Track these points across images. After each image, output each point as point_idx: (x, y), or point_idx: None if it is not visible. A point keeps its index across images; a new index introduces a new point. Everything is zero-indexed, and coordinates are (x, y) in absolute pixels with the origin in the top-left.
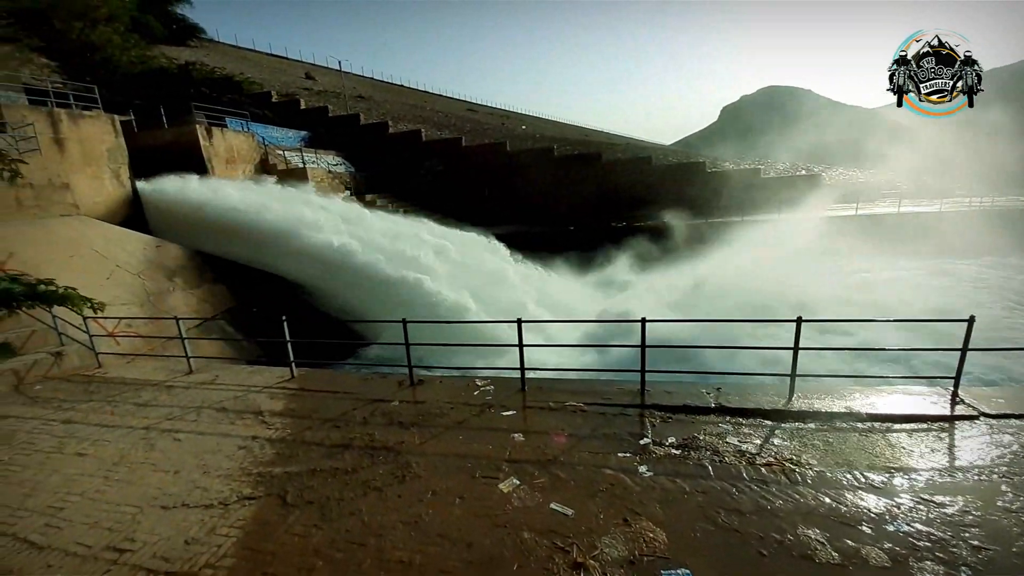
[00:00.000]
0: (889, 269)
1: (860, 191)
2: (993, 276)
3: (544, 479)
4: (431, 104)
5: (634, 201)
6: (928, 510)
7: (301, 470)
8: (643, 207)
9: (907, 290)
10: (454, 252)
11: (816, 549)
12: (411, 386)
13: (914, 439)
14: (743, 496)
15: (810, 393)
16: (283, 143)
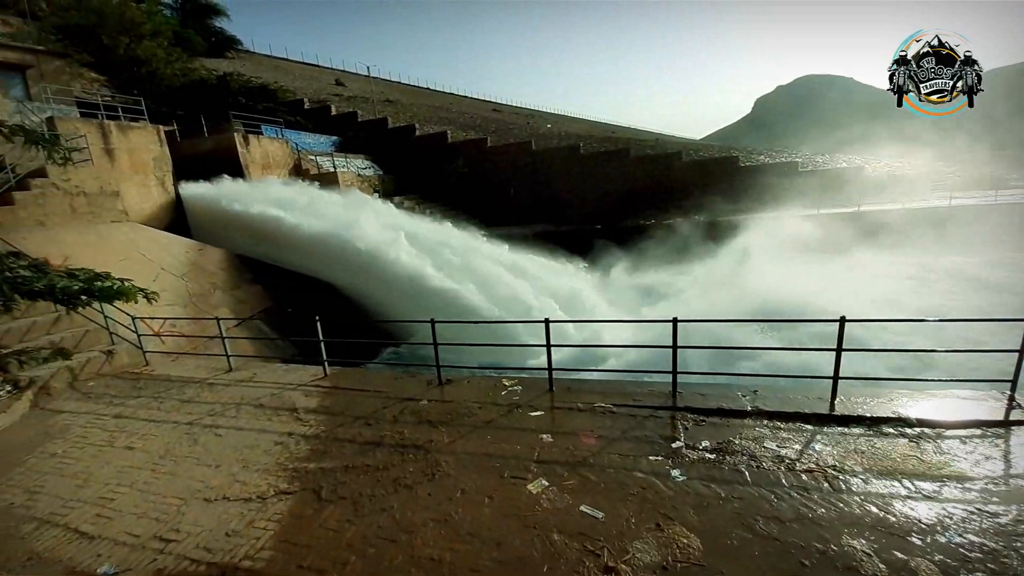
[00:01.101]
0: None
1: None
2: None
3: (573, 481)
4: (456, 105)
5: (664, 198)
6: (981, 520)
7: (335, 466)
8: (673, 204)
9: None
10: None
11: (862, 560)
12: (439, 385)
13: (967, 446)
14: (783, 503)
15: (854, 397)
16: (315, 148)
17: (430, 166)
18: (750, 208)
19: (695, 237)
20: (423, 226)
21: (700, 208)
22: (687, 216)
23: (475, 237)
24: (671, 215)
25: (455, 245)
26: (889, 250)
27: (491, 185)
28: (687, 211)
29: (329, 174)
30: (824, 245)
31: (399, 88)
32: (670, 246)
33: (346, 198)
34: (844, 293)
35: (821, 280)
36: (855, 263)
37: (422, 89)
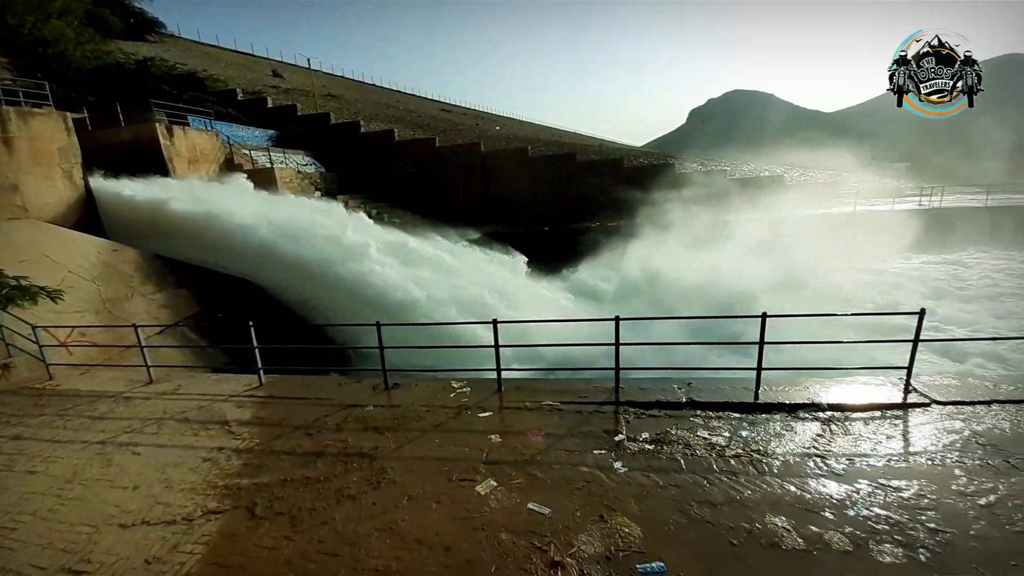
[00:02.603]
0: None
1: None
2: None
3: (521, 479)
4: (404, 103)
5: (608, 201)
6: (886, 494)
7: (271, 480)
8: (616, 207)
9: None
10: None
11: (783, 536)
12: (386, 390)
13: (871, 427)
14: (714, 488)
15: (775, 386)
16: (249, 142)
17: (376, 164)
18: (686, 211)
19: (636, 238)
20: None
21: (641, 211)
22: (630, 219)
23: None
24: (615, 218)
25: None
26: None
27: (440, 185)
28: (630, 214)
29: (265, 170)
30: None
31: (342, 83)
32: (612, 247)
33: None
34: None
35: (741, 273)
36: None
37: (367, 85)
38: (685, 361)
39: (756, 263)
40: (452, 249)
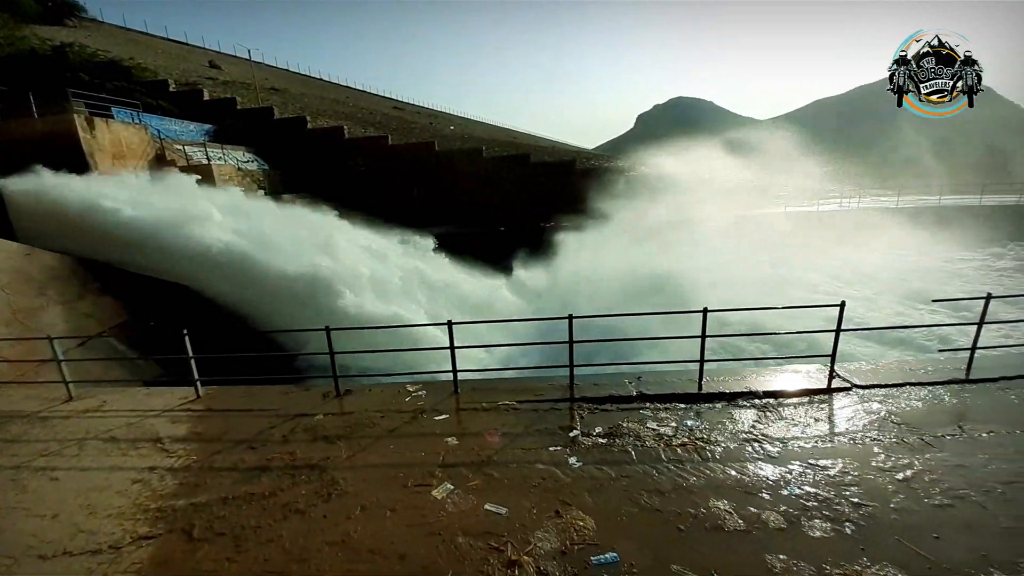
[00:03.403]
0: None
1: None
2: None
3: (478, 481)
4: (354, 100)
5: (562, 201)
6: (815, 473)
7: (210, 499)
8: (570, 207)
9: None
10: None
11: (725, 519)
12: (337, 397)
13: (801, 411)
14: (662, 477)
15: (717, 376)
16: (184, 137)
17: (324, 162)
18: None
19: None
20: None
21: (593, 211)
22: (583, 218)
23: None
24: (569, 218)
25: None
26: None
27: (393, 185)
28: (583, 214)
29: (202, 167)
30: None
31: (287, 76)
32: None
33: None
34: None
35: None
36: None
37: (314, 79)
38: (636, 355)
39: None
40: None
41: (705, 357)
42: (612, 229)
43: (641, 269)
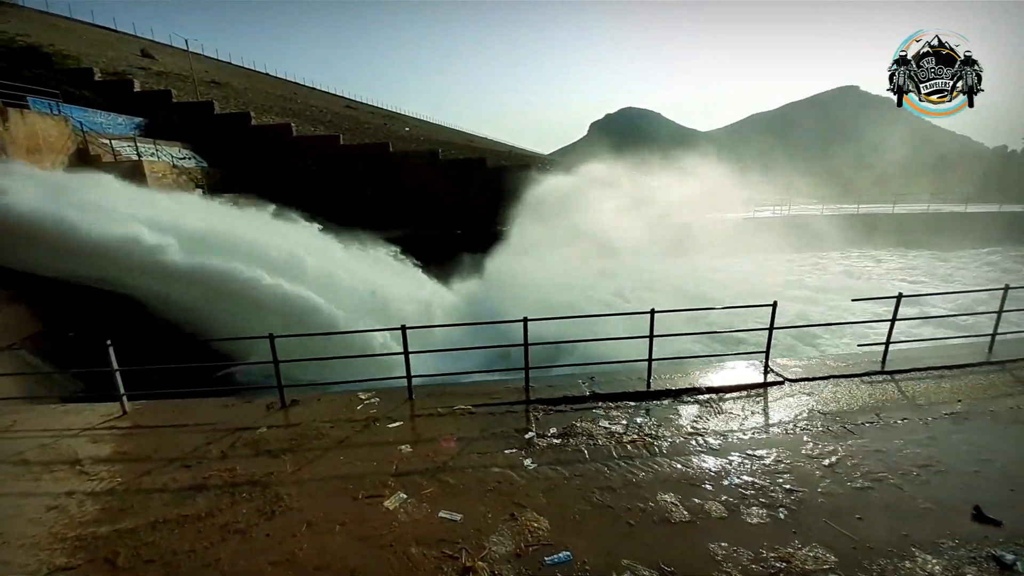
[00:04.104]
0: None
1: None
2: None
3: (433, 488)
4: (303, 97)
5: (517, 205)
6: (752, 463)
7: (138, 524)
8: (525, 211)
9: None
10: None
11: (672, 511)
12: (282, 408)
13: (739, 405)
14: (614, 473)
15: (664, 374)
16: (111, 130)
17: (271, 161)
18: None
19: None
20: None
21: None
22: (535, 222)
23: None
24: (522, 220)
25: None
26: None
27: (345, 186)
28: (536, 217)
29: (131, 163)
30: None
31: (230, 70)
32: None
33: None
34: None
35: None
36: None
37: (259, 74)
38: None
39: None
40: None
41: (653, 356)
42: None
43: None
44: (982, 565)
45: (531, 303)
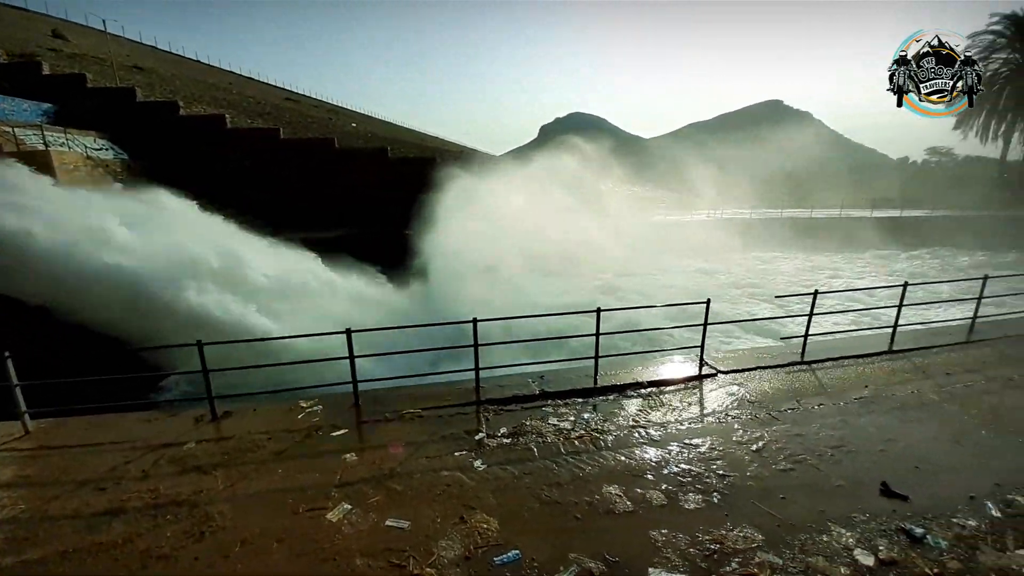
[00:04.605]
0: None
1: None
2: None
3: (379, 496)
4: (239, 87)
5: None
6: (689, 452)
7: (45, 554)
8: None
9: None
10: None
11: (616, 503)
12: (214, 420)
13: (677, 397)
14: (562, 470)
15: (610, 371)
16: (14, 117)
17: (201, 155)
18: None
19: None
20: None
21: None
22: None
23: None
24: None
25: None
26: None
27: (286, 183)
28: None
29: (37, 152)
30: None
31: (155, 55)
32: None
33: None
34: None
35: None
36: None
37: (189, 60)
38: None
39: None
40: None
41: (600, 354)
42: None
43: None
44: (892, 538)
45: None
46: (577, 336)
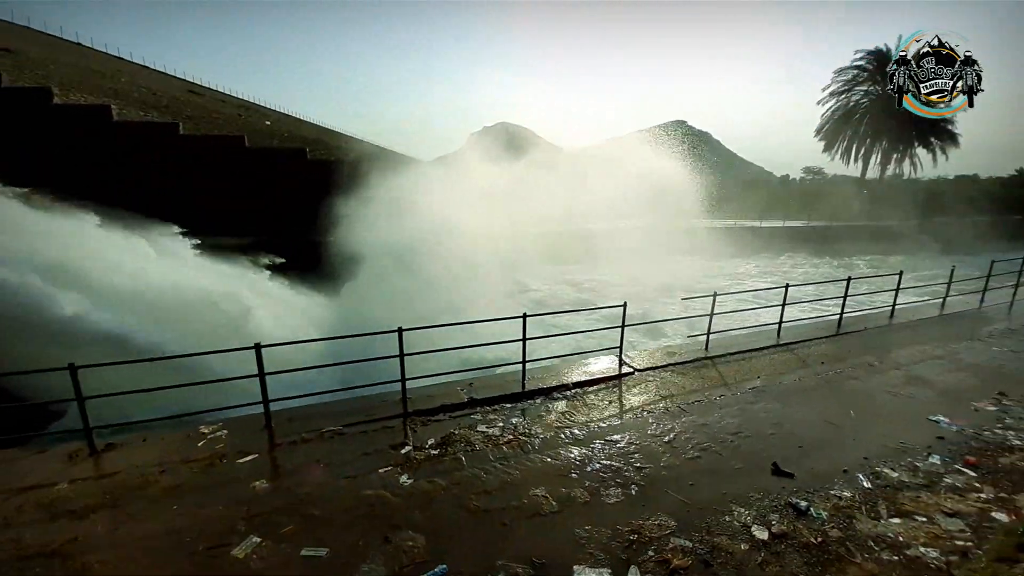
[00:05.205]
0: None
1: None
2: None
3: (294, 525)
4: (130, 75)
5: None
6: (609, 447)
7: None
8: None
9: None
10: None
11: (542, 504)
12: (92, 455)
13: (600, 396)
14: (490, 477)
15: (537, 375)
16: None
17: (83, 151)
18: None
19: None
20: None
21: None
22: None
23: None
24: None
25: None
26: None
27: (186, 184)
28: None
29: None
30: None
31: (26, 35)
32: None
33: None
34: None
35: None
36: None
37: (67, 43)
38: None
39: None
40: None
41: (527, 358)
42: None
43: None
44: (783, 512)
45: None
46: (504, 342)
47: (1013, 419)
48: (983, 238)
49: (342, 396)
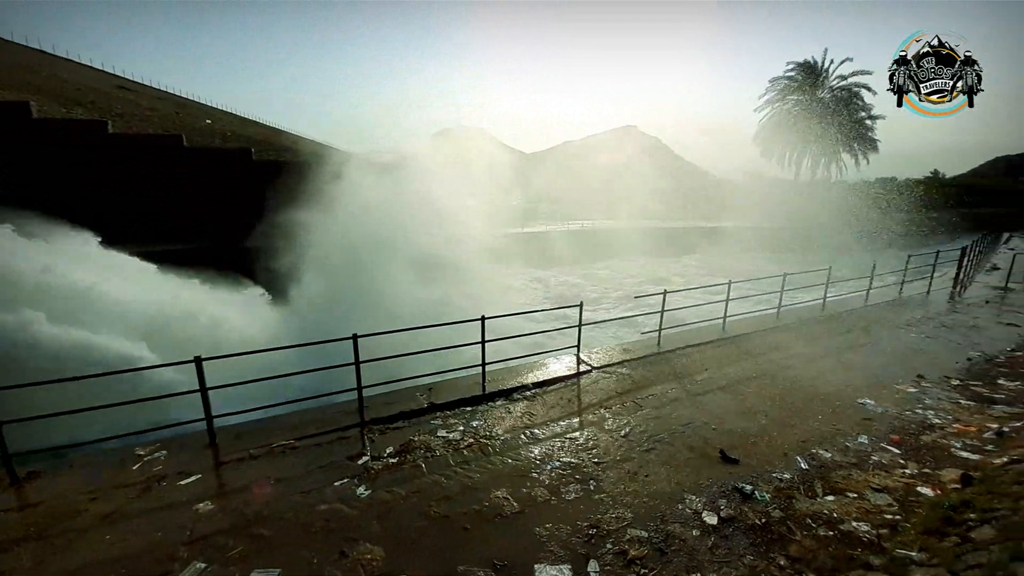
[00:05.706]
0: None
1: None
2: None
3: (242, 546)
4: (51, 68)
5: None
6: (568, 445)
7: None
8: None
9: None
10: None
11: (503, 506)
12: (14, 485)
13: (559, 395)
14: (451, 482)
15: (497, 377)
16: None
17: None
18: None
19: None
20: None
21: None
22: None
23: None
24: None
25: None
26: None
27: (119, 187)
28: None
29: None
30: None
31: None
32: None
33: None
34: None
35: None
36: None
37: None
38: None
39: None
40: None
41: (487, 361)
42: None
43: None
44: (730, 497)
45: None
46: (463, 345)
47: (932, 400)
48: (904, 235)
49: (295, 408)
